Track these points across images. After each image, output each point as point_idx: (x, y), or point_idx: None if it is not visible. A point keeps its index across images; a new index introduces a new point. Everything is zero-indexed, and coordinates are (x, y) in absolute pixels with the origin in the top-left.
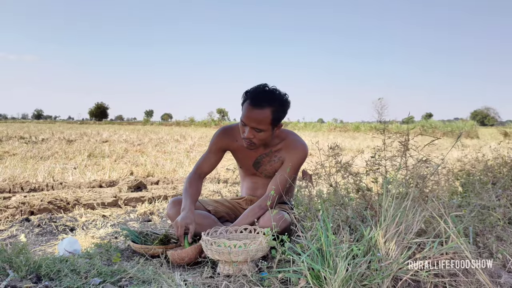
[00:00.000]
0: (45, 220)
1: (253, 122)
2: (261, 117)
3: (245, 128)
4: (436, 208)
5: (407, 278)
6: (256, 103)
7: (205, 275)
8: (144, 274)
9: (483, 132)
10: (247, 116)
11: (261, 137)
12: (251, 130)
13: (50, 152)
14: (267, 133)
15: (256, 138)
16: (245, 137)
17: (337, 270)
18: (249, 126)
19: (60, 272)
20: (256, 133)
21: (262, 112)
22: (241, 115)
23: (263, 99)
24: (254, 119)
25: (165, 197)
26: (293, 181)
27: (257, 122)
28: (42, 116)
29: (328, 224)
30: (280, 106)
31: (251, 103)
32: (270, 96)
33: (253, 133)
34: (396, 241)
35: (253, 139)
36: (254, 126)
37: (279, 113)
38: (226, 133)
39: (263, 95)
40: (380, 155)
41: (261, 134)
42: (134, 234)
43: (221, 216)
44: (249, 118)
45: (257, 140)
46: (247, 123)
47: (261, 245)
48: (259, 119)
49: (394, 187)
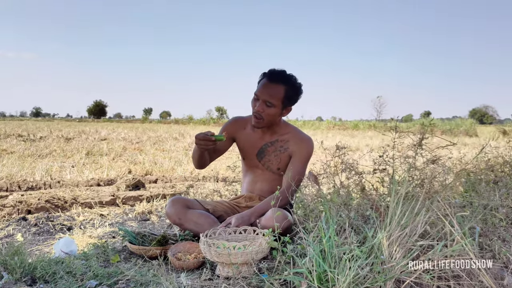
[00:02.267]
0: (42, 219)
1: (266, 95)
2: (274, 92)
3: (257, 102)
4: (441, 208)
5: (410, 281)
6: (272, 78)
7: (204, 277)
8: (141, 276)
9: (482, 130)
10: (261, 89)
11: (270, 112)
12: (262, 103)
13: (48, 150)
14: (276, 110)
15: (265, 112)
16: (255, 111)
17: (344, 272)
18: (261, 99)
19: (55, 274)
20: (266, 107)
21: (276, 87)
22: (256, 90)
23: (279, 76)
24: (267, 92)
25: (163, 196)
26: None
27: (270, 95)
28: (41, 114)
29: (332, 225)
30: (294, 88)
31: (268, 78)
32: (286, 76)
33: (263, 107)
34: (400, 243)
35: (262, 113)
36: (265, 99)
37: (292, 94)
38: (237, 121)
39: (280, 73)
40: (388, 155)
41: (271, 110)
42: (131, 235)
43: (219, 215)
44: (262, 91)
45: (266, 116)
46: (259, 96)
47: (261, 247)
48: (272, 93)
49: (404, 188)
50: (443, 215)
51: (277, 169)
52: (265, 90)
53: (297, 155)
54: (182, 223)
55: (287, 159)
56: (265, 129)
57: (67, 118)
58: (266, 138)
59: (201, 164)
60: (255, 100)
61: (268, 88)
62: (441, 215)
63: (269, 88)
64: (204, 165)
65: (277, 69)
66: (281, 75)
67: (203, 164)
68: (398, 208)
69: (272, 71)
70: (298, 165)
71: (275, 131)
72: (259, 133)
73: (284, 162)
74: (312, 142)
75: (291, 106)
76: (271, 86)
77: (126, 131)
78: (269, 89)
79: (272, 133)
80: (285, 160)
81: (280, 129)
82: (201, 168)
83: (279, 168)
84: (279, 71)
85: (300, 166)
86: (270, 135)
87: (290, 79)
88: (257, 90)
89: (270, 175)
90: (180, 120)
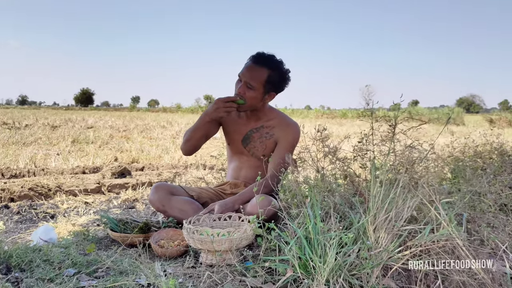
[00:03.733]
0: (25, 207)
1: (247, 77)
2: (256, 74)
3: (239, 84)
4: (427, 194)
5: (397, 267)
6: (256, 60)
7: (186, 265)
8: (122, 264)
9: (469, 119)
10: (244, 71)
11: (251, 95)
12: (243, 85)
13: (33, 138)
14: (257, 93)
15: (247, 95)
16: (237, 93)
17: (326, 259)
18: (243, 80)
19: (32, 262)
20: (247, 89)
21: (259, 70)
22: (239, 72)
23: (263, 59)
24: (249, 74)
25: (149, 183)
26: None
27: (251, 78)
28: (27, 102)
29: (317, 211)
30: (278, 74)
31: (252, 60)
32: (271, 60)
33: (244, 89)
34: (386, 229)
35: (244, 96)
36: (247, 80)
37: (275, 80)
38: None
39: (265, 57)
40: (367, 140)
41: (252, 93)
42: (113, 222)
43: (204, 202)
44: (245, 73)
45: (247, 98)
46: (241, 77)
47: (246, 233)
48: (254, 75)
49: (382, 173)
50: (428, 201)
51: (262, 156)
52: (248, 72)
53: (283, 142)
54: (166, 210)
55: (272, 145)
56: (250, 115)
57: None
58: (251, 124)
59: (196, 146)
60: (238, 82)
61: (251, 70)
62: (425, 201)
63: (251, 71)
64: (198, 147)
65: (266, 52)
66: (266, 59)
67: (197, 146)
68: (381, 192)
69: (259, 53)
70: (283, 152)
71: (260, 117)
72: (244, 118)
73: (269, 149)
74: (299, 128)
75: (275, 92)
76: (254, 69)
77: (113, 119)
78: (251, 71)
79: (257, 119)
80: (271, 146)
81: (265, 115)
82: (193, 152)
83: (264, 154)
84: (266, 55)
85: (285, 152)
86: (255, 121)
87: (276, 63)
88: (241, 71)
89: (256, 161)
90: (168, 108)
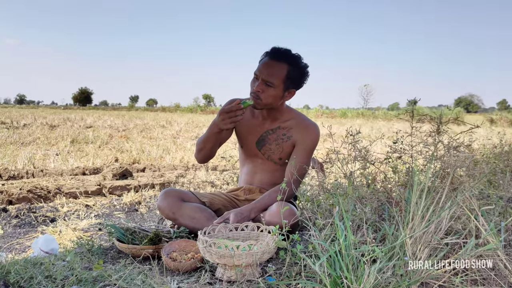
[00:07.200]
0: (24, 211)
1: (266, 74)
2: (275, 70)
3: (256, 82)
4: (466, 201)
5: (438, 285)
6: (274, 56)
7: (202, 281)
8: (131, 281)
9: (469, 119)
10: (261, 68)
11: (270, 93)
12: (261, 83)
13: (32, 138)
14: (276, 92)
15: (265, 94)
16: (253, 91)
17: (364, 277)
18: (261, 78)
19: (32, 279)
20: (265, 87)
21: (278, 65)
22: (255, 70)
23: (282, 54)
24: (268, 71)
25: (152, 185)
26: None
27: (270, 75)
28: (25, 101)
29: (348, 222)
30: (297, 69)
31: (269, 56)
32: (290, 55)
33: (262, 87)
34: (423, 242)
35: (261, 94)
36: (265, 78)
37: (295, 76)
38: None
39: (283, 52)
40: (403, 142)
41: (270, 91)
42: (119, 231)
43: (217, 209)
44: (262, 69)
45: (265, 97)
46: (259, 74)
47: (268, 246)
48: (273, 72)
49: (427, 180)
50: (468, 209)
51: (278, 159)
52: (265, 68)
53: (301, 144)
54: (176, 218)
55: (290, 148)
56: (266, 115)
57: (52, 105)
58: (267, 125)
59: (210, 155)
60: (254, 81)
61: (269, 66)
62: (466, 209)
63: (270, 67)
64: (212, 154)
65: (282, 47)
66: (284, 54)
67: (212, 153)
68: (421, 202)
69: (275, 48)
70: (303, 155)
71: (277, 117)
72: (259, 119)
73: (286, 152)
74: (318, 130)
75: (294, 89)
76: (273, 64)
77: (112, 118)
78: (270, 67)
79: (273, 119)
80: (288, 149)
81: (282, 115)
82: (208, 160)
83: (281, 158)
84: (283, 49)
85: (304, 156)
86: (271, 122)
87: (295, 58)
88: (257, 69)
89: (271, 165)
90: (167, 108)
